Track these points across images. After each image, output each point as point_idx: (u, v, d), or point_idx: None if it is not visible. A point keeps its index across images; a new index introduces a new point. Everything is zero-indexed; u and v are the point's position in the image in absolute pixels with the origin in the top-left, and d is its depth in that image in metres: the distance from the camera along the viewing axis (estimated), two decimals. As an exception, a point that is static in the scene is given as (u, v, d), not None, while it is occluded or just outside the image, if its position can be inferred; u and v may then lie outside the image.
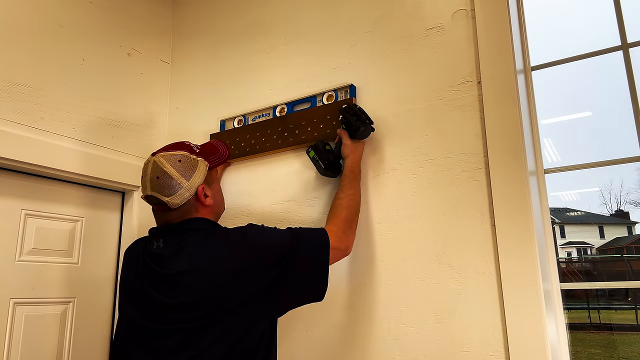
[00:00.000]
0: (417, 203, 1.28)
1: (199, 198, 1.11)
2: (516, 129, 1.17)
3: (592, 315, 9.06)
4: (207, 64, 1.87)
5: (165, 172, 1.08)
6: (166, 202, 1.08)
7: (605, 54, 1.26)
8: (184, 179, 1.09)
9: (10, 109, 1.42)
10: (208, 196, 1.14)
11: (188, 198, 1.10)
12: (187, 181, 1.09)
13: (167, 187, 1.08)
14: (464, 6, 1.32)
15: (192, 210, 1.12)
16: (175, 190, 1.08)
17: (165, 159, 1.10)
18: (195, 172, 1.11)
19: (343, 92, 1.46)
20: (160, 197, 1.08)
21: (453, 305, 1.18)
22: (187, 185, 1.09)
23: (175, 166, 1.09)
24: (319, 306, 1.37)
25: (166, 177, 1.08)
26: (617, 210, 23.33)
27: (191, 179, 1.10)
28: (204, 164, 1.15)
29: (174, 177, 1.08)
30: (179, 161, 1.10)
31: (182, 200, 1.09)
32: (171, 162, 1.10)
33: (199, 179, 1.12)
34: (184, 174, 1.10)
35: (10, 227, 1.46)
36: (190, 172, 1.10)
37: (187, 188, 1.09)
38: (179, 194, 1.08)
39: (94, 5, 1.71)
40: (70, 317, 1.58)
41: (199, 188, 1.11)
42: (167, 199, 1.08)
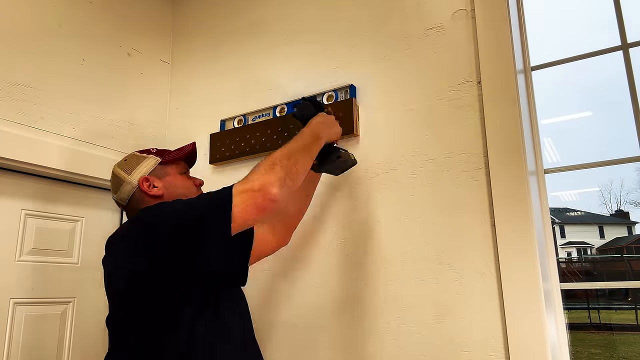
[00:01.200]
0: (417, 203, 1.28)
1: (142, 188, 1.12)
2: (516, 129, 1.17)
3: (592, 315, 9.05)
4: (207, 63, 1.87)
5: (113, 172, 1.17)
6: (115, 199, 1.15)
7: (605, 54, 1.26)
8: (125, 173, 1.14)
9: (10, 109, 1.42)
10: (156, 187, 1.13)
11: (132, 191, 1.12)
12: (128, 175, 1.13)
13: (114, 185, 1.15)
14: (464, 6, 1.32)
15: (141, 203, 1.12)
16: (119, 185, 1.14)
17: (116, 164, 1.18)
18: (138, 167, 1.14)
19: (343, 92, 1.46)
20: (113, 196, 1.16)
21: (453, 305, 1.18)
22: (128, 178, 1.13)
23: (121, 165, 1.17)
24: (319, 306, 1.37)
25: (113, 177, 1.16)
26: (617, 210, 23.33)
27: (132, 173, 1.13)
28: (154, 159, 1.17)
29: (118, 174, 1.15)
30: (125, 160, 1.18)
31: (127, 194, 1.13)
32: (118, 163, 1.18)
33: (142, 171, 1.14)
34: (126, 169, 1.14)
35: (10, 227, 1.46)
36: (132, 167, 1.14)
37: (128, 182, 1.13)
38: (123, 189, 1.13)
39: (94, 5, 1.71)
40: (70, 317, 1.58)
41: (140, 179, 1.12)
42: (115, 196, 1.15)
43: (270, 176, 0.96)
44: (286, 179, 0.98)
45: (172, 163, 1.19)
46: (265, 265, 1.49)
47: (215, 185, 1.72)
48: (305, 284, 1.42)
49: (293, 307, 1.42)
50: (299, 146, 1.08)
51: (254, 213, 0.94)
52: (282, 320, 1.41)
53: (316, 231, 1.43)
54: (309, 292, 1.40)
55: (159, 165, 1.16)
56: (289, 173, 0.99)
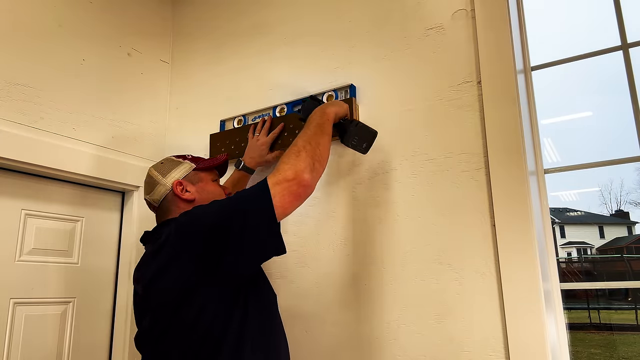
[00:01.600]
0: (417, 203, 1.28)
1: (176, 191, 1.13)
2: (516, 129, 1.17)
3: (592, 315, 9.05)
4: (207, 64, 1.87)
5: (148, 174, 1.19)
6: (148, 199, 1.17)
7: (605, 54, 1.26)
8: (160, 175, 1.16)
9: (10, 109, 1.42)
10: (189, 191, 1.14)
11: (165, 193, 1.14)
12: (164, 177, 1.16)
13: (148, 185, 1.17)
14: (464, 6, 1.32)
15: (173, 207, 1.13)
16: (153, 186, 1.16)
17: (153, 166, 1.21)
18: (173, 170, 1.17)
19: (343, 92, 1.46)
20: (145, 196, 1.18)
21: (453, 305, 1.18)
22: (162, 180, 1.15)
23: (156, 167, 1.19)
24: (319, 306, 1.37)
25: (148, 178, 1.18)
26: (617, 210, 23.33)
27: (167, 176, 1.16)
28: (189, 164, 1.20)
29: (153, 175, 1.17)
30: (161, 163, 1.20)
31: (159, 196, 1.15)
32: (155, 166, 1.20)
33: (176, 175, 1.16)
34: (162, 172, 1.17)
35: (10, 227, 1.46)
36: (168, 170, 1.17)
37: (162, 183, 1.15)
38: (156, 190, 1.15)
39: (94, 6, 1.71)
40: (70, 317, 1.58)
41: (174, 182, 1.14)
42: (147, 196, 1.17)
43: (300, 163, 0.97)
44: (314, 163, 1.00)
45: (205, 170, 1.21)
46: (265, 264, 1.49)
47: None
48: (305, 283, 1.42)
49: (293, 307, 1.42)
50: (314, 129, 1.09)
51: (291, 202, 0.95)
52: (282, 320, 1.40)
53: (316, 231, 1.43)
54: (309, 292, 1.40)
55: (193, 171, 1.19)
56: (315, 156, 1.01)
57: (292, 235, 1.48)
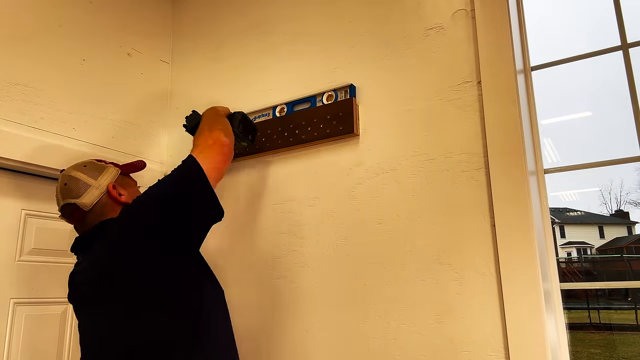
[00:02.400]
0: (417, 203, 1.28)
1: (112, 195, 1.11)
2: (516, 129, 1.17)
3: (592, 315, 9.05)
4: (207, 64, 1.87)
5: (72, 176, 1.12)
6: (77, 203, 1.09)
7: (605, 54, 1.26)
8: (91, 178, 1.11)
9: (10, 109, 1.42)
10: (122, 194, 1.13)
11: (99, 196, 1.10)
12: (95, 180, 1.12)
13: (75, 189, 1.10)
14: (464, 6, 1.32)
15: (108, 209, 1.11)
16: (83, 189, 1.10)
17: (71, 168, 1.15)
18: (102, 174, 1.14)
19: (343, 92, 1.46)
20: (71, 200, 1.09)
21: (453, 305, 1.18)
22: (95, 183, 1.11)
23: (81, 169, 1.13)
24: (319, 307, 1.37)
25: (73, 181, 1.11)
26: (617, 210, 23.33)
27: (98, 179, 1.12)
28: (115, 169, 1.18)
29: (81, 178, 1.11)
30: (84, 166, 1.15)
31: (93, 199, 1.10)
32: (77, 168, 1.14)
33: (107, 179, 1.13)
34: (90, 174, 1.12)
35: (10, 227, 1.46)
36: (96, 173, 1.13)
37: (95, 186, 1.11)
38: (88, 193, 1.10)
39: (94, 5, 1.71)
40: (70, 317, 1.58)
41: (109, 185, 1.12)
42: (77, 200, 1.09)
43: (213, 133, 1.10)
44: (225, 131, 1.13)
45: (128, 176, 1.21)
46: (265, 264, 1.49)
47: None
48: (305, 283, 1.42)
49: (293, 307, 1.42)
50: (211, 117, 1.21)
51: (222, 161, 1.06)
52: (282, 320, 1.41)
53: (316, 231, 1.43)
54: (309, 292, 1.40)
55: (120, 175, 1.18)
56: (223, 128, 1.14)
57: (292, 235, 1.48)
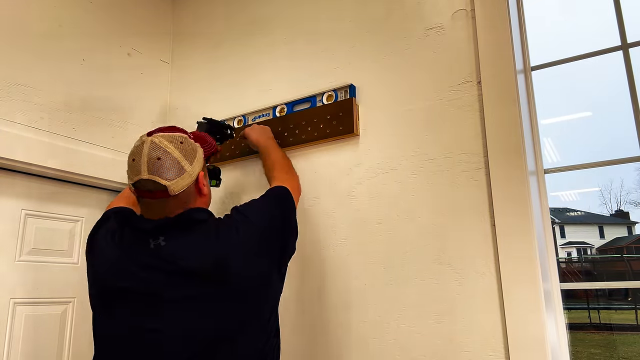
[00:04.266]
0: (417, 203, 1.28)
1: (199, 186, 1.03)
2: (516, 129, 1.17)
3: (592, 315, 9.05)
4: (207, 64, 1.87)
5: (168, 152, 0.97)
6: (167, 186, 0.95)
7: (605, 54, 1.26)
8: (187, 162, 0.98)
9: (10, 109, 1.42)
10: (205, 185, 1.06)
11: (189, 184, 0.99)
12: (190, 165, 0.99)
13: (169, 169, 0.96)
14: (464, 6, 1.32)
15: (191, 199, 1.02)
16: (178, 173, 0.97)
17: (166, 140, 0.98)
18: (196, 158, 1.01)
19: (343, 92, 1.46)
20: (160, 180, 0.95)
21: (453, 305, 1.18)
22: (190, 169, 0.98)
23: (179, 147, 0.98)
24: (319, 307, 1.37)
25: (169, 159, 0.96)
26: (617, 210, 23.31)
27: (193, 164, 1.00)
28: (201, 150, 1.06)
29: (178, 158, 0.97)
30: (181, 143, 1.00)
31: (182, 187, 0.97)
32: (174, 143, 0.98)
33: (199, 165, 1.02)
34: (187, 157, 0.99)
35: (10, 227, 1.46)
36: (192, 157, 1.00)
37: (189, 173, 0.98)
38: (182, 179, 0.97)
39: (94, 5, 1.71)
40: (70, 317, 1.58)
41: (200, 175, 1.02)
42: (168, 182, 0.95)
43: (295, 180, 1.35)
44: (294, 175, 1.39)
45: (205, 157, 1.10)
46: (265, 265, 1.49)
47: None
48: (304, 284, 1.42)
49: (293, 307, 1.42)
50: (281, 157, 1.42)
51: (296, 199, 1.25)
52: (282, 321, 1.40)
53: (316, 231, 1.43)
54: (309, 292, 1.40)
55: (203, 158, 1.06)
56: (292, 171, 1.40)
57: (292, 235, 1.48)
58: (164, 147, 0.97)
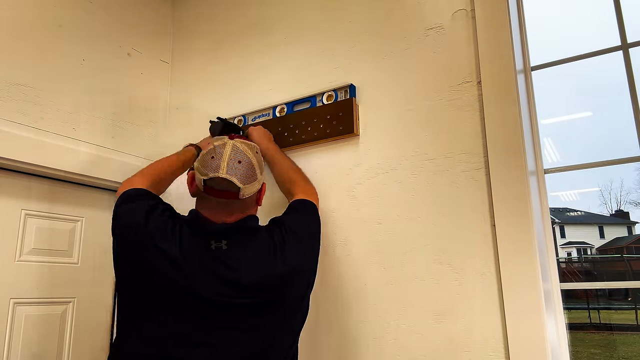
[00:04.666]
0: (417, 203, 1.28)
1: (260, 195, 1.11)
2: (516, 129, 1.17)
3: (592, 315, 9.05)
4: (207, 64, 1.87)
5: (249, 158, 1.05)
6: (240, 189, 1.02)
7: (605, 54, 1.26)
8: (259, 170, 1.07)
9: (10, 109, 1.42)
10: (263, 196, 1.14)
11: (256, 192, 1.07)
12: (261, 174, 1.08)
13: (245, 173, 1.03)
14: (464, 6, 1.32)
15: (251, 206, 1.09)
16: (252, 179, 1.04)
17: (247, 146, 1.06)
18: (264, 168, 1.11)
19: (343, 92, 1.46)
20: (237, 182, 1.01)
21: (453, 305, 1.18)
22: (260, 178, 1.07)
23: (255, 156, 1.07)
24: (319, 307, 1.37)
25: (248, 164, 1.04)
26: (617, 210, 23.31)
27: (263, 174, 1.09)
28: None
29: (255, 165, 1.05)
30: (257, 152, 1.09)
31: (251, 192, 1.05)
32: (252, 151, 1.07)
33: (264, 176, 1.11)
34: (260, 166, 1.08)
35: (10, 227, 1.46)
36: (262, 166, 1.10)
37: (259, 180, 1.07)
38: (253, 185, 1.04)
39: (94, 5, 1.71)
40: (70, 317, 1.58)
41: (264, 185, 1.10)
42: (242, 186, 1.02)
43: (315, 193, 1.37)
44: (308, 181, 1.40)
45: None
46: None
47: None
48: (305, 284, 1.42)
49: (293, 307, 1.42)
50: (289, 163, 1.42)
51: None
52: (282, 320, 1.40)
53: (316, 231, 1.43)
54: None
55: None
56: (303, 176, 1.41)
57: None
58: (245, 152, 1.05)
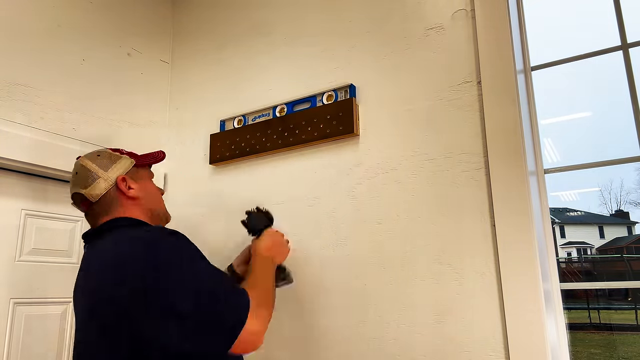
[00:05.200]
0: (417, 203, 1.28)
1: (120, 188, 1.08)
2: (516, 129, 1.17)
3: (592, 315, 9.05)
4: (207, 64, 1.87)
5: (83, 166, 1.09)
6: (84, 193, 1.07)
7: (605, 54, 1.26)
8: (101, 169, 1.09)
9: (10, 109, 1.42)
10: (132, 188, 1.10)
11: (107, 188, 1.07)
12: (105, 171, 1.08)
13: (83, 179, 1.08)
14: (464, 6, 1.32)
15: (115, 204, 1.08)
16: (92, 180, 1.07)
17: (85, 156, 1.12)
18: (114, 165, 1.10)
19: (343, 92, 1.46)
20: (79, 190, 1.07)
21: (453, 305, 1.18)
22: (104, 175, 1.08)
23: (93, 159, 1.10)
24: (319, 307, 1.37)
25: (83, 170, 1.09)
26: (617, 210, 23.29)
27: (109, 170, 1.09)
28: (129, 160, 1.14)
29: (91, 168, 1.08)
30: (98, 155, 1.12)
31: (100, 191, 1.07)
32: (89, 158, 1.11)
33: (118, 170, 1.10)
34: (101, 165, 1.09)
35: (10, 227, 1.46)
36: (108, 164, 1.10)
37: (104, 178, 1.08)
38: (96, 184, 1.07)
39: (94, 5, 1.71)
40: (70, 317, 1.58)
41: (119, 178, 1.08)
42: (84, 190, 1.07)
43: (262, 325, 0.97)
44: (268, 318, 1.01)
45: (144, 167, 1.17)
46: (265, 265, 1.49)
47: (215, 186, 1.73)
48: (305, 284, 1.42)
49: (293, 308, 1.42)
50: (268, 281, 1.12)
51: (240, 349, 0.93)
52: (282, 320, 1.41)
53: (316, 231, 1.43)
54: (309, 292, 1.40)
55: (133, 167, 1.14)
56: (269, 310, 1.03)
57: (292, 235, 1.48)
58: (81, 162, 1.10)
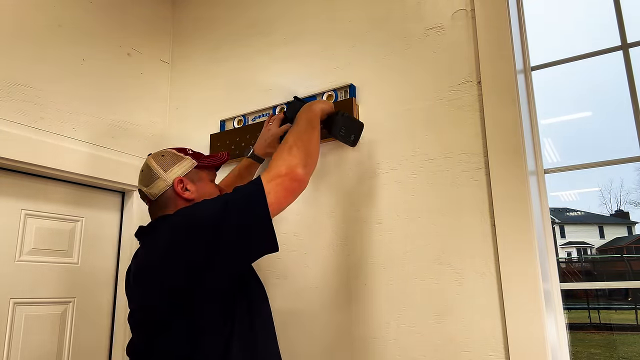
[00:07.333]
0: (417, 203, 1.28)
1: (176, 190, 1.11)
2: (516, 129, 1.17)
3: (592, 315, 9.05)
4: (207, 64, 1.87)
5: (148, 165, 1.15)
6: (144, 192, 1.14)
7: (605, 54, 1.26)
8: (161, 170, 1.13)
9: (10, 109, 1.42)
10: (189, 190, 1.13)
11: (165, 189, 1.11)
12: (165, 172, 1.13)
13: (147, 177, 1.14)
14: (464, 6, 1.32)
15: (170, 203, 1.11)
16: (153, 180, 1.12)
17: (152, 156, 1.18)
18: (175, 166, 1.14)
19: (343, 92, 1.46)
20: (141, 188, 1.15)
21: (453, 305, 1.18)
22: (163, 175, 1.12)
23: (157, 160, 1.15)
24: (319, 307, 1.37)
25: (147, 169, 1.15)
26: (617, 210, 23.29)
27: (169, 171, 1.13)
28: (191, 161, 1.17)
29: (153, 168, 1.14)
30: (162, 156, 1.16)
31: (158, 191, 1.12)
32: (155, 157, 1.16)
33: (178, 172, 1.13)
34: (163, 166, 1.14)
35: (10, 227, 1.46)
36: (169, 165, 1.14)
37: (163, 178, 1.12)
38: (155, 184, 1.12)
39: (94, 6, 1.71)
40: (70, 317, 1.58)
41: (176, 179, 1.12)
42: (145, 189, 1.13)
43: (292, 159, 1.00)
44: (307, 158, 1.03)
45: (206, 169, 1.19)
46: (265, 264, 1.49)
47: (215, 185, 1.71)
48: (305, 284, 1.42)
49: (293, 307, 1.42)
50: (303, 126, 1.13)
51: (286, 197, 0.98)
52: (281, 320, 1.40)
53: (316, 231, 1.43)
54: (309, 292, 1.40)
55: (194, 168, 1.16)
56: (307, 151, 1.04)
57: (292, 235, 1.48)
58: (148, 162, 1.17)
